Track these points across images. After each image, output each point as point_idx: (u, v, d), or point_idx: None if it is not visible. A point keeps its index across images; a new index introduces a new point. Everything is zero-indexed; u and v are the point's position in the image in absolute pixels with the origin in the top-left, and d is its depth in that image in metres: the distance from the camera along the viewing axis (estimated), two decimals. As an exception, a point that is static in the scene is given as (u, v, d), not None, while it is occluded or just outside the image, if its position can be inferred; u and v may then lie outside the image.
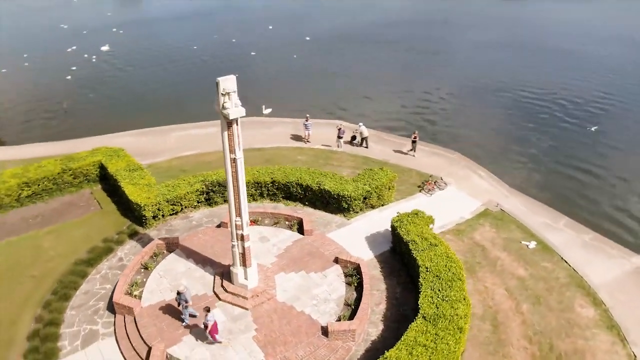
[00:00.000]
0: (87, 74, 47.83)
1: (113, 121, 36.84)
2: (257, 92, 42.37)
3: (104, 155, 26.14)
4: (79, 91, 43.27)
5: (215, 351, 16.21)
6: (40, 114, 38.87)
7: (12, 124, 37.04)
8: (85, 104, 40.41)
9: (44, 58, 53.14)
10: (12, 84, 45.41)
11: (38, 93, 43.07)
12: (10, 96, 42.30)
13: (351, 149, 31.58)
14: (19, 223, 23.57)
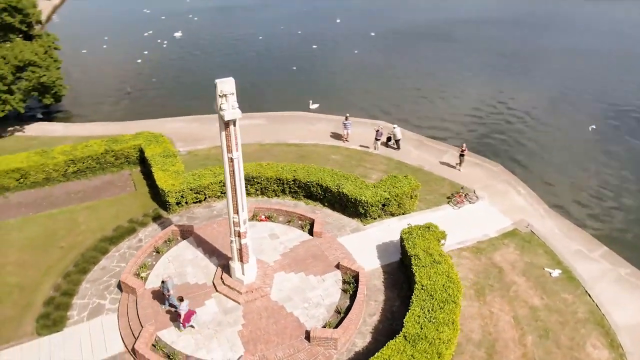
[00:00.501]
0: (156, 59, 50.57)
1: (171, 106, 38.82)
2: (309, 86, 42.74)
3: (145, 140, 27.70)
4: (145, 75, 45.90)
5: (200, 341, 16.90)
6: (108, 95, 41.76)
7: (82, 102, 40.15)
8: (147, 88, 42.84)
9: (122, 41, 56.81)
10: (87, 64, 49.10)
11: (109, 75, 46.26)
12: (84, 76, 45.80)
13: (387, 152, 31.05)
14: (62, 196, 25.74)
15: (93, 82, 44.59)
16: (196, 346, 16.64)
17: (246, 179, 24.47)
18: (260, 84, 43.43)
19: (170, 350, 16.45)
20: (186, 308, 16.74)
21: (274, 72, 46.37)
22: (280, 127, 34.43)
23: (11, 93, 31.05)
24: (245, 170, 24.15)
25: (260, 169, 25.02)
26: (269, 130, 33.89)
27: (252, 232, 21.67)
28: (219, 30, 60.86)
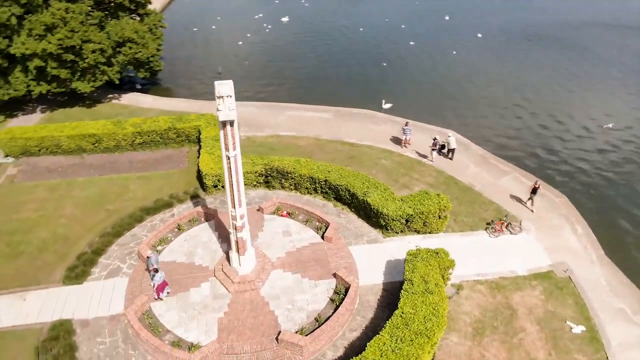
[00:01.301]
0: (256, 42, 53.09)
1: (252, 90, 40.85)
2: (392, 84, 41.99)
3: (205, 121, 29.70)
4: (240, 57, 48.55)
5: (183, 319, 18.21)
6: (202, 73, 45.02)
7: (178, 78, 43.90)
8: (237, 70, 45.36)
9: (231, 22, 60.30)
10: (194, 42, 53.14)
11: (208, 54, 49.69)
12: (187, 53, 49.77)
13: (441, 164, 29.62)
14: (125, 164, 28.78)
15: (193, 59, 48.31)
16: (178, 323, 17.99)
17: (281, 173, 25.34)
18: (344, 76, 43.72)
19: (155, 321, 17.99)
20: (160, 279, 18.18)
21: (362, 66, 46.21)
22: (344, 123, 34.53)
23: (110, 65, 34.99)
24: (282, 165, 25.11)
25: (296, 166, 25.55)
26: (332, 125, 34.17)
27: (269, 226, 22.60)
28: (324, 18, 61.77)
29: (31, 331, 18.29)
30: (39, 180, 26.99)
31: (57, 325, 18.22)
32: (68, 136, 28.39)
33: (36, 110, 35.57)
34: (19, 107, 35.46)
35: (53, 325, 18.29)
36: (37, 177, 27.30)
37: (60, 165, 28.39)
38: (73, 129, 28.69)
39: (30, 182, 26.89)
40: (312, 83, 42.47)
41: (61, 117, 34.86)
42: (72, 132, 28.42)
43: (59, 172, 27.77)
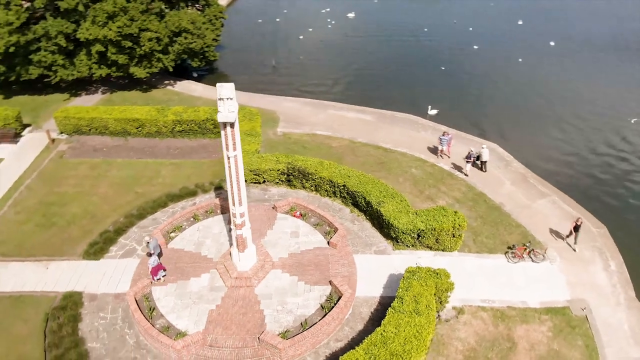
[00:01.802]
0: (317, 37, 53.34)
1: (301, 85, 41.30)
2: (444, 89, 40.67)
3: (241, 115, 30.48)
4: (296, 52, 49.04)
5: (177, 306, 19.08)
6: (258, 64, 46.02)
7: (234, 68, 45.31)
8: (291, 65, 45.91)
9: (296, 15, 60.86)
10: (257, 34, 54.33)
11: (268, 46, 50.62)
12: (247, 44, 51.07)
13: (475, 179, 28.31)
14: (163, 150, 30.30)
15: (251, 51, 49.50)
16: (171, 309, 18.88)
17: (303, 174, 25.58)
18: (395, 78, 42.97)
19: (152, 305, 19.00)
20: (154, 263, 19.11)
21: (417, 68, 45.13)
22: (383, 127, 34.04)
23: (165, 53, 36.80)
24: (304, 165, 25.34)
25: (318, 167, 25.65)
26: (370, 128, 33.79)
27: (279, 225, 22.97)
28: (391, 16, 60.75)
29: (46, 298, 19.98)
30: (84, 158, 29.12)
31: (68, 296, 19.76)
32: (115, 119, 30.32)
33: (98, 91, 38.21)
34: (83, 87, 38.26)
35: (65, 295, 19.86)
36: (83, 155, 29.47)
37: (105, 146, 30.44)
38: (120, 112, 30.58)
39: (76, 159, 29.08)
40: (361, 83, 42.15)
41: (119, 99, 37.23)
42: (119, 115, 30.31)
43: (103, 152, 29.80)
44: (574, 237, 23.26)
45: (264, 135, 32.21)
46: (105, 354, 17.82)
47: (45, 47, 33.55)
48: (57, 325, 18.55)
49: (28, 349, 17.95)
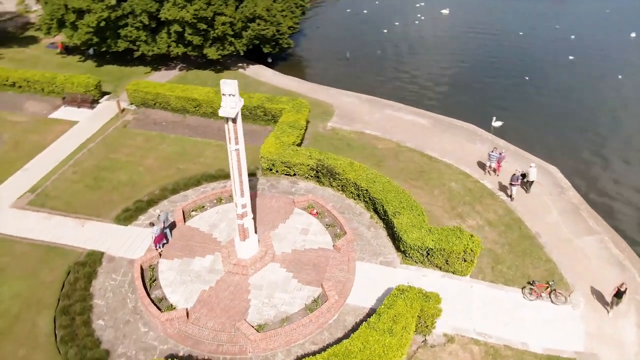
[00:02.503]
0: (402, 32, 52.23)
1: (367, 80, 41.01)
2: (516, 101, 38.11)
3: (290, 106, 31.14)
4: (374, 46, 48.47)
5: (176, 281, 20.44)
6: (333, 55, 46.31)
7: (309, 57, 46.13)
8: (365, 58, 45.55)
9: (389, 6, 59.75)
10: (340, 24, 54.34)
11: (350, 37, 50.48)
12: (328, 33, 51.38)
13: (517, 202, 26.42)
14: (213, 131, 32.00)
15: (331, 40, 49.83)
16: (169, 283, 20.29)
17: (331, 173, 25.77)
18: (470, 82, 41.02)
19: (155, 275, 20.57)
20: (156, 232, 20.52)
21: (498, 75, 42.52)
22: (437, 133, 32.83)
23: (238, 37, 38.42)
24: (333, 164, 25.54)
25: (347, 168, 25.60)
26: (423, 133, 32.77)
27: (293, 220, 23.48)
28: (488, 16, 57.43)
29: (74, 253, 22.43)
30: (143, 130, 31.71)
31: (91, 254, 22.02)
32: (176, 97, 32.52)
33: (176, 67, 41.01)
34: (165, 62, 41.28)
35: (89, 253, 22.15)
36: (143, 127, 32.09)
37: (165, 120, 32.84)
38: (182, 91, 32.72)
39: (137, 129, 31.76)
40: (432, 84, 40.79)
41: (192, 77, 39.71)
42: (180, 94, 32.46)
43: (161, 126, 32.20)
44: (613, 302, 20.31)
45: (313, 128, 32.65)
46: (105, 312, 19.73)
47: (132, 24, 36.66)
48: (75, 278, 20.82)
49: (47, 294, 20.39)
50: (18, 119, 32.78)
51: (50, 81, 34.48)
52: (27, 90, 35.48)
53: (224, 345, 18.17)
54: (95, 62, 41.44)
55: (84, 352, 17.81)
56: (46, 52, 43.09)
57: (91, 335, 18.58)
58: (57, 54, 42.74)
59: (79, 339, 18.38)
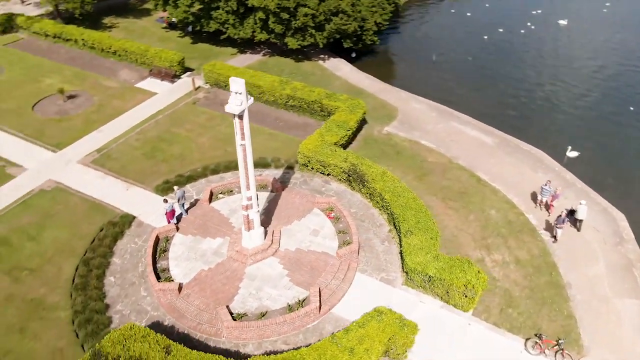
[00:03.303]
0: (502, 40, 48.85)
1: (445, 86, 39.46)
2: (607, 134, 34.12)
3: (345, 105, 31.09)
4: (465, 52, 46.06)
5: (181, 259, 22.03)
6: (422, 55, 44.97)
7: (394, 55, 45.31)
8: (454, 63, 43.54)
9: (499, 12, 55.96)
10: (440, 25, 52.22)
11: (444, 39, 48.53)
12: (425, 34, 49.76)
13: (560, 246, 24.09)
14: (271, 119, 33.15)
15: (424, 40, 48.32)
16: (176, 257, 21.94)
17: (361, 179, 25.65)
18: (561, 105, 37.56)
19: (167, 247, 22.36)
20: (169, 208, 22.28)
21: (599, 101, 38.22)
22: (497, 154, 30.69)
23: (320, 30, 38.98)
24: (365, 171, 25.40)
25: (377, 177, 25.19)
26: (482, 152, 30.79)
27: (308, 219, 23.99)
28: (609, 32, 51.32)
29: (112, 212, 25.06)
30: (208, 109, 33.86)
31: (124, 217, 24.47)
32: (244, 82, 34.12)
33: (260, 52, 42.79)
34: (251, 46, 43.23)
35: (122, 215, 24.62)
36: (209, 106, 34.26)
37: (230, 102, 34.68)
38: (250, 77, 34.22)
39: (203, 108, 34.01)
40: (511, 101, 37.94)
41: (272, 63, 41.19)
42: (248, 79, 33.92)
43: (225, 108, 34.10)
44: None
45: (368, 130, 32.41)
46: (118, 271, 21.97)
47: (223, 7, 38.91)
48: (104, 235, 23.38)
49: (78, 244, 23.18)
50: (110, 84, 36.80)
51: (143, 53, 38.06)
52: (124, 59, 39.54)
53: (203, 324, 19.35)
54: (192, 39, 44.68)
55: (88, 302, 20.11)
56: (154, 26, 47.37)
57: (99, 289, 20.85)
58: (162, 28, 46.79)
59: (89, 289, 20.74)
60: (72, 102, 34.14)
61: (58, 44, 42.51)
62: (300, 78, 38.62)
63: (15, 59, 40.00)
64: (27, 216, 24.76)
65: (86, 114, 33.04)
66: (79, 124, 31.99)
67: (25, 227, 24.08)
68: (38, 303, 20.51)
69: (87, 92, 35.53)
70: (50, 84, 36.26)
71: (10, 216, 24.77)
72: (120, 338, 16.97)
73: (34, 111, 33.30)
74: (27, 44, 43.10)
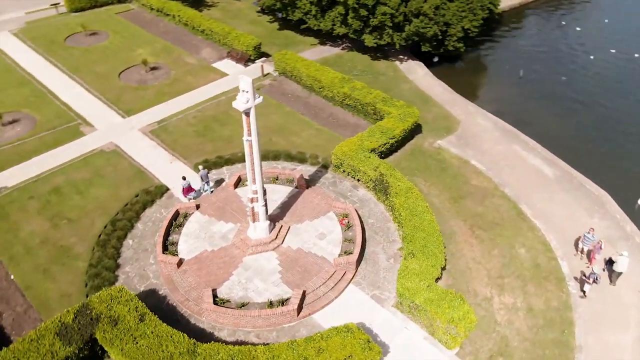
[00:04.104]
0: (606, 62, 43.74)
1: (527, 107, 36.74)
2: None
3: (397, 112, 30.24)
4: (564, 71, 41.99)
5: (193, 234, 23.46)
6: (507, 70, 42.17)
7: (482, 65, 42.92)
8: (544, 85, 40.04)
9: (604, 36, 50.01)
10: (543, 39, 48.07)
11: (540, 55, 44.75)
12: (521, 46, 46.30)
13: (588, 302, 21.90)
14: (325, 115, 33.39)
15: (518, 53, 45.05)
16: (188, 233, 23.42)
17: (385, 191, 25.19)
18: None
19: (182, 223, 23.95)
20: (185, 185, 24.11)
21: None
22: (552, 188, 28.03)
23: (399, 30, 38.13)
24: (391, 183, 24.86)
25: (400, 192, 24.46)
26: (535, 183, 28.28)
27: (320, 221, 24.27)
28: None
29: (150, 181, 27.26)
30: (268, 96, 34.95)
31: (158, 187, 26.57)
32: (307, 75, 34.71)
33: (339, 46, 42.88)
34: (332, 39, 43.41)
35: (157, 185, 26.73)
36: (271, 93, 35.37)
37: (292, 93, 35.53)
38: (314, 71, 34.67)
39: (264, 94, 35.14)
40: (592, 135, 34.15)
41: (348, 58, 41.15)
42: (312, 73, 34.48)
43: (285, 98, 35.02)
44: None
45: (419, 141, 31.44)
46: (137, 236, 24.07)
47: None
48: (136, 201, 25.65)
49: (114, 205, 25.67)
50: (189, 61, 39.48)
51: (225, 35, 40.16)
52: (209, 38, 42.04)
53: (190, 301, 20.65)
54: (280, 25, 46.05)
55: (103, 258, 22.42)
56: (249, 8, 49.51)
57: (116, 249, 23.07)
58: (256, 11, 48.74)
59: (108, 247, 23.06)
60: (152, 74, 37.25)
61: (159, 17, 46.36)
62: (370, 77, 38.30)
63: (120, 28, 44.45)
64: (82, 172, 27.88)
65: (160, 86, 35.91)
66: (152, 94, 34.91)
67: (78, 182, 27.16)
68: (65, 250, 23.23)
69: (168, 66, 38.49)
70: (140, 54, 39.83)
71: (69, 169, 28.06)
72: (107, 298, 18.79)
73: (119, 78, 36.91)
74: (134, 14, 47.58)
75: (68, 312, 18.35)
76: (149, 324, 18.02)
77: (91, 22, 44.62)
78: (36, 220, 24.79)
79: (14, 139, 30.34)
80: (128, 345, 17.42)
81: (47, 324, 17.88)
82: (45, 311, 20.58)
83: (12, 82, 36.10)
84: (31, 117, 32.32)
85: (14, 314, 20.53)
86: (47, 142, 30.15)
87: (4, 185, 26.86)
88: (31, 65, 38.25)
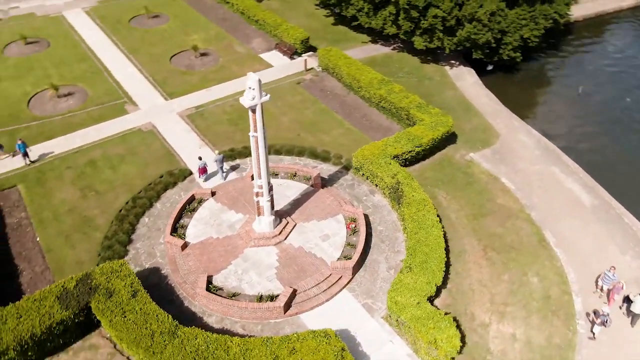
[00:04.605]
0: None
1: (580, 127, 34.56)
2: None
3: (429, 120, 29.37)
4: (628, 91, 38.83)
5: (203, 220, 24.33)
6: (564, 84, 39.68)
7: (539, 77, 40.82)
8: (605, 104, 37.27)
9: None
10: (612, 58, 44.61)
11: (611, 77, 41.62)
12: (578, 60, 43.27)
13: (601, 346, 20.48)
14: (359, 115, 33.11)
15: (582, 67, 42.17)
16: (198, 219, 24.30)
17: (397, 200, 24.80)
18: None
19: (196, 208, 24.90)
20: (201, 165, 25.47)
21: None
22: (587, 218, 26.12)
23: (450, 34, 36.94)
24: (407, 193, 24.49)
25: (412, 202, 23.99)
26: (568, 210, 26.53)
27: (327, 222, 24.43)
28: None
29: (177, 164, 28.48)
30: (307, 91, 35.17)
31: (182, 170, 27.76)
32: (347, 73, 34.55)
33: (390, 45, 42.16)
34: (384, 38, 42.70)
35: (182, 168, 27.93)
36: (310, 89, 35.56)
37: (331, 90, 35.53)
38: (355, 70, 34.43)
39: (303, 89, 35.40)
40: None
41: (396, 58, 40.38)
42: (352, 72, 34.25)
43: (323, 94, 35.10)
44: None
45: (450, 151, 30.48)
46: (154, 214, 25.34)
47: (361, -5, 39.37)
48: (159, 181, 26.97)
49: (138, 183, 27.10)
50: (238, 49, 40.51)
51: (276, 26, 40.77)
52: (262, 28, 42.83)
53: (187, 284, 21.56)
54: (335, 20, 45.99)
55: (117, 232, 23.88)
56: (309, 0, 49.74)
57: (132, 225, 24.46)
58: (315, 4, 48.91)
59: (125, 222, 24.49)
60: (201, 59, 38.64)
61: (220, 4, 47.81)
62: (415, 80, 37.52)
63: (180, 12, 46.37)
64: (118, 148, 29.65)
65: (206, 72, 37.19)
66: (196, 80, 36.26)
67: (112, 157, 28.93)
68: (88, 220, 24.94)
69: (217, 53, 39.74)
70: (194, 39, 41.37)
71: (108, 145, 29.93)
72: (108, 270, 20.06)
73: (170, 61, 38.63)
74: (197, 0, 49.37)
75: (72, 279, 19.75)
76: (140, 301, 19.04)
77: (155, 5, 46.86)
78: (69, 189, 26.73)
79: (65, 110, 32.75)
80: (117, 318, 18.53)
81: (51, 287, 19.39)
82: (59, 275, 22.27)
83: (76, 57, 38.87)
84: (85, 91, 34.69)
85: (32, 273, 22.39)
86: (93, 117, 32.28)
87: (49, 152, 29.11)
88: (95, 42, 40.92)
